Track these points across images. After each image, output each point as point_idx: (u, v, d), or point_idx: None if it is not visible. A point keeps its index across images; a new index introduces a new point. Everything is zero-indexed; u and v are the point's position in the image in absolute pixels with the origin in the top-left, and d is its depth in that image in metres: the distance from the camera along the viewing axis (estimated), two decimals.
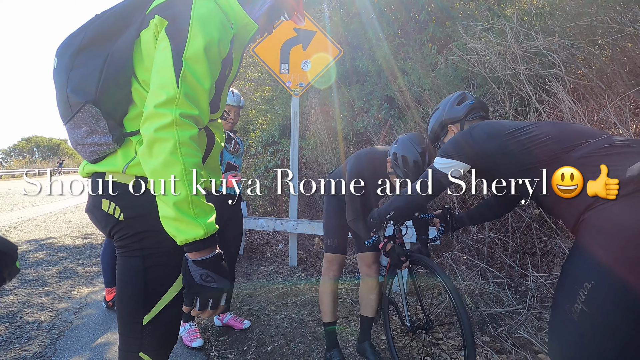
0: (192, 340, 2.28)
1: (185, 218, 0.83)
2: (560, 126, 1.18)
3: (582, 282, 0.95)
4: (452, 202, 3.50)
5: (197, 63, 0.89)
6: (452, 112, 1.49)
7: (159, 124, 0.83)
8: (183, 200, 0.83)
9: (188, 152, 0.84)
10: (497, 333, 2.32)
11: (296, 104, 4.05)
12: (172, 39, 0.88)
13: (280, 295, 3.21)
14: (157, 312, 0.97)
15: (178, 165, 0.83)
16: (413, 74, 4.11)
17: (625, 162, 0.96)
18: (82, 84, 0.92)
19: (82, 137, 0.96)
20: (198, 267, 0.87)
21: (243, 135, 7.39)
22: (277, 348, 2.30)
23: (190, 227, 0.84)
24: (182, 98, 0.85)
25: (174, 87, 0.85)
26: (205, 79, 0.91)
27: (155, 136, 0.83)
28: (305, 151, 5.28)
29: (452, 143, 1.31)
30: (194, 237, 0.84)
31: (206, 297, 0.88)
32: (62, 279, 3.55)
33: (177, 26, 0.89)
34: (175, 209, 0.83)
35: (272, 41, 3.97)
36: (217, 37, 0.92)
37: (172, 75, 0.86)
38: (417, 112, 4.00)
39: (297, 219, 4.01)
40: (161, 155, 0.82)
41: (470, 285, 2.82)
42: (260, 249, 4.92)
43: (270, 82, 7.32)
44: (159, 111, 0.84)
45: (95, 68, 0.92)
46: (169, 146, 0.82)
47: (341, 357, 2.09)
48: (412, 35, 4.57)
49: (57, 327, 2.53)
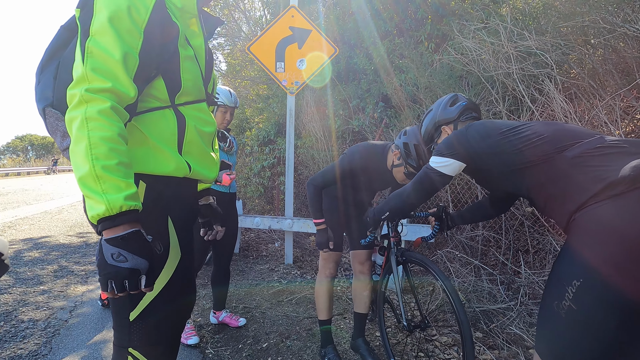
0: (188, 338, 2.29)
1: (91, 194, 0.80)
2: (554, 126, 1.19)
3: (571, 280, 0.97)
4: (446, 200, 3.53)
5: (102, 35, 0.86)
6: (446, 114, 1.51)
7: (71, 105, 0.83)
8: (87, 175, 0.80)
9: (96, 125, 0.81)
10: (490, 329, 2.35)
11: (292, 102, 4.06)
12: (82, 24, 0.88)
13: (275, 293, 3.23)
14: (143, 308, 0.97)
15: (83, 140, 0.80)
16: (409, 73, 4.13)
17: (617, 163, 0.97)
18: (43, 93, 0.99)
19: (60, 142, 0.98)
20: (110, 246, 0.81)
21: (239, 134, 7.38)
22: (272, 345, 2.31)
23: (96, 203, 0.80)
24: (90, 73, 0.84)
25: (81, 65, 0.84)
26: (114, 49, 0.87)
27: (68, 117, 0.84)
28: (301, 149, 5.29)
29: (446, 142, 1.33)
30: (98, 214, 0.80)
31: (119, 279, 0.81)
32: (58, 278, 3.54)
33: (86, 9, 0.89)
34: (80, 185, 0.81)
35: (268, 39, 3.97)
36: (125, 4, 0.89)
37: (79, 54, 0.86)
38: (413, 111, 4.03)
39: (292, 217, 4.03)
40: (72, 133, 0.82)
41: (463, 282, 2.85)
42: (256, 247, 4.94)
43: (266, 80, 7.32)
44: (70, 92, 0.84)
45: (51, 75, 0.99)
46: (77, 123, 0.82)
47: (335, 354, 2.11)
48: (409, 33, 4.60)
49: (53, 326, 2.53)
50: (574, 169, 1.04)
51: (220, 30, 8.74)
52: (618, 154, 1.00)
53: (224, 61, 10.20)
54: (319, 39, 3.92)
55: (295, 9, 3.94)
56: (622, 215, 0.91)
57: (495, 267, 3.02)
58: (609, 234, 0.91)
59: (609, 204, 0.94)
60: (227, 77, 9.83)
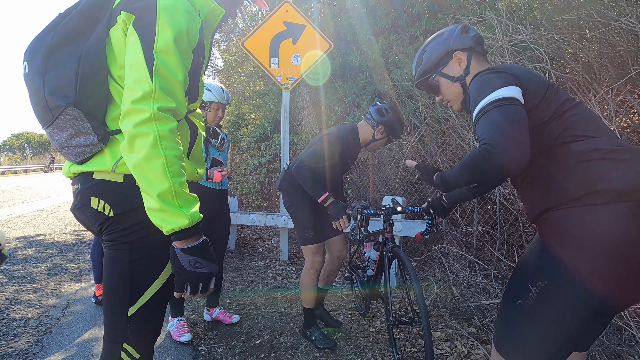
0: (181, 335, 2.28)
1: (169, 209, 0.86)
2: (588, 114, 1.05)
3: (536, 280, 0.95)
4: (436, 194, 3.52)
5: (168, 55, 0.90)
6: (461, 40, 1.30)
7: (138, 119, 0.85)
8: (167, 192, 0.86)
9: (168, 145, 0.87)
10: (483, 324, 2.35)
11: (286, 98, 4.03)
12: (140, 33, 0.89)
13: (270, 290, 3.22)
14: (142, 304, 0.99)
15: (160, 158, 0.85)
16: (405, 68, 4.11)
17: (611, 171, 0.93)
18: (60, 87, 0.91)
19: (66, 139, 0.96)
20: (186, 255, 0.91)
21: (235, 130, 7.35)
22: (265, 342, 2.31)
23: (175, 217, 0.87)
24: (158, 92, 0.87)
25: (149, 82, 0.87)
26: (178, 70, 0.92)
27: (135, 131, 0.85)
28: (297, 146, 5.27)
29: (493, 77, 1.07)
30: (179, 227, 0.87)
31: (196, 282, 0.92)
32: (51, 276, 3.52)
33: (145, 20, 0.90)
34: (159, 201, 0.86)
35: (262, 35, 3.94)
36: (185, 26, 0.93)
37: (145, 69, 0.87)
38: (408, 107, 4.01)
39: (288, 214, 4.01)
40: (142, 149, 0.84)
41: (458, 277, 2.85)
42: (253, 244, 4.92)
43: (262, 76, 7.28)
44: (137, 107, 0.85)
45: (70, 69, 0.91)
46: (150, 140, 0.84)
47: (320, 333, 2.22)
48: (404, 30, 4.57)
49: (45, 324, 2.51)
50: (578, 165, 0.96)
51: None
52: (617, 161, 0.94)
53: (220, 57, 10.13)
54: (313, 35, 3.89)
55: (289, 4, 3.90)
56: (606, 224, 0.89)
57: (490, 263, 3.02)
58: (594, 241, 0.89)
59: (595, 211, 0.91)
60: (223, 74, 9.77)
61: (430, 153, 3.68)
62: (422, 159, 3.76)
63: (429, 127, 3.69)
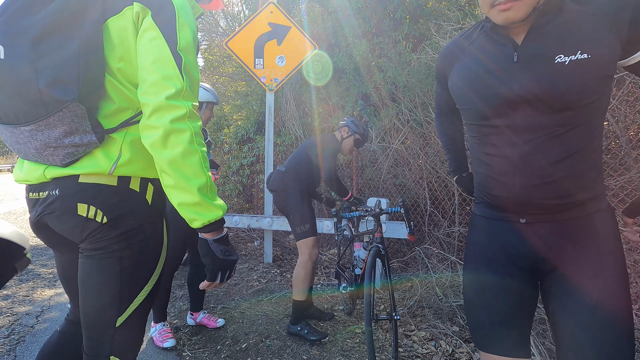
0: (164, 341, 2.22)
1: (206, 202, 0.89)
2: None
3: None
4: (424, 197, 3.59)
5: (190, 54, 0.91)
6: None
7: (175, 115, 0.85)
8: (204, 186, 0.89)
9: (200, 141, 0.90)
10: (466, 323, 2.41)
11: (271, 99, 4.01)
12: (162, 29, 0.87)
13: (255, 293, 3.19)
14: (130, 312, 0.96)
15: (196, 154, 0.88)
16: (388, 71, 4.17)
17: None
18: (59, 79, 0.81)
19: (56, 138, 0.85)
20: (218, 245, 0.95)
21: (217, 131, 7.24)
22: (251, 345, 2.28)
23: (210, 209, 0.90)
24: (188, 90, 0.89)
25: (180, 80, 0.87)
26: (196, 69, 0.94)
27: (172, 127, 0.85)
28: (281, 147, 5.25)
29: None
30: (216, 218, 0.91)
31: (228, 269, 0.99)
32: (22, 282, 3.35)
33: (164, 16, 0.88)
34: (199, 194, 0.88)
35: (246, 35, 3.90)
36: (195, 26, 0.97)
37: (175, 66, 0.87)
38: (391, 109, 4.07)
39: (272, 216, 3.99)
40: (179, 145, 0.85)
41: (441, 278, 2.91)
42: (235, 247, 4.86)
43: (244, 77, 7.21)
44: (173, 103, 0.85)
45: (69, 59, 0.81)
46: (187, 136, 0.86)
47: (309, 327, 2.28)
48: (388, 33, 4.64)
49: (17, 332, 2.39)
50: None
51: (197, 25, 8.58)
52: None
53: (201, 57, 9.96)
54: (298, 36, 3.89)
55: (274, 4, 3.89)
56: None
57: None
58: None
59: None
60: (204, 73, 9.60)
61: (412, 155, 3.75)
62: (405, 160, 3.82)
63: (412, 129, 3.76)
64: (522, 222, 0.95)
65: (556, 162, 0.87)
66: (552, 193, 0.88)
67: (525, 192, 0.91)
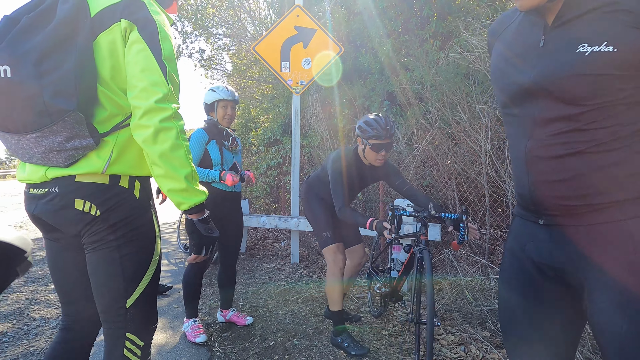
0: (196, 336, 2.31)
1: (191, 188, 1.05)
2: None
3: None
4: (453, 198, 3.51)
5: (172, 62, 1.05)
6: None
7: (163, 116, 1.00)
8: (190, 175, 1.04)
9: (184, 137, 1.05)
10: (497, 328, 2.34)
11: (297, 102, 4.06)
12: (148, 42, 1.01)
13: (282, 292, 3.24)
14: (138, 295, 1.08)
15: (182, 148, 1.03)
16: (415, 71, 4.12)
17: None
18: (59, 91, 0.93)
19: (59, 143, 0.97)
20: (202, 224, 1.13)
21: (245, 134, 7.42)
22: (279, 343, 2.33)
23: (195, 194, 1.07)
24: (172, 95, 1.03)
25: (166, 85, 1.01)
26: (177, 76, 1.09)
27: (161, 126, 0.99)
28: (307, 149, 5.30)
29: None
30: (200, 201, 1.08)
31: (210, 244, 1.19)
32: None
33: (148, 30, 1.02)
34: (186, 182, 1.04)
35: (273, 39, 3.99)
36: (172, 37, 1.10)
37: (160, 74, 1.01)
38: (418, 109, 4.01)
39: (298, 217, 4.04)
40: (168, 141, 1.00)
41: (471, 281, 2.84)
42: (263, 247, 4.96)
43: (271, 80, 7.33)
44: (161, 106, 1.00)
45: (68, 73, 0.93)
46: (174, 133, 1.01)
47: (352, 340, 2.19)
48: (415, 32, 4.58)
49: None
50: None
51: (225, 31, 8.83)
52: None
53: (229, 61, 10.25)
54: (324, 39, 3.93)
55: (300, 8, 3.94)
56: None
57: None
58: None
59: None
60: (232, 77, 9.88)
61: (440, 155, 3.67)
62: (433, 161, 3.75)
63: (440, 129, 3.68)
64: (540, 223, 0.87)
65: (571, 156, 0.78)
66: (568, 192, 0.79)
67: (537, 189, 0.84)
